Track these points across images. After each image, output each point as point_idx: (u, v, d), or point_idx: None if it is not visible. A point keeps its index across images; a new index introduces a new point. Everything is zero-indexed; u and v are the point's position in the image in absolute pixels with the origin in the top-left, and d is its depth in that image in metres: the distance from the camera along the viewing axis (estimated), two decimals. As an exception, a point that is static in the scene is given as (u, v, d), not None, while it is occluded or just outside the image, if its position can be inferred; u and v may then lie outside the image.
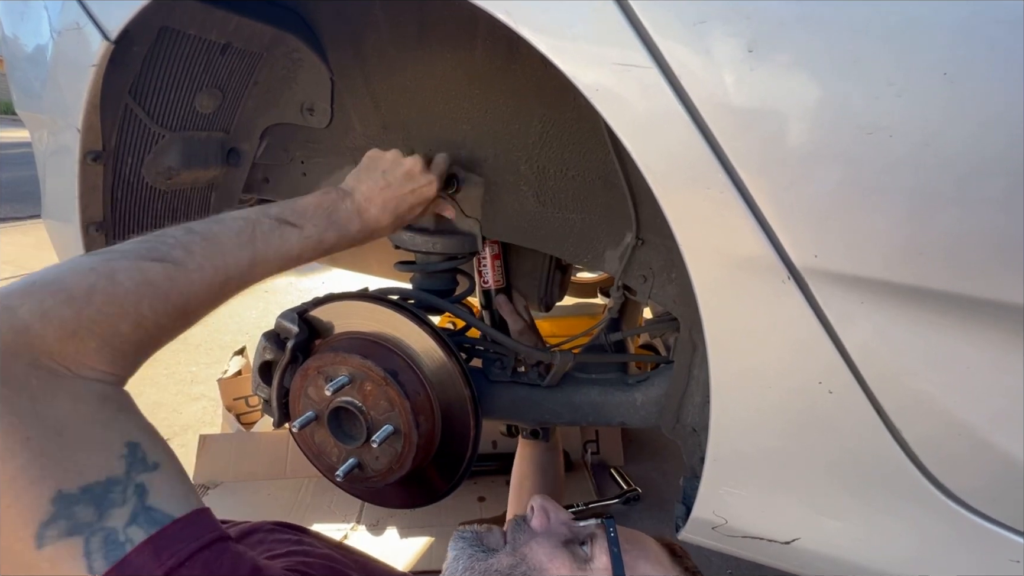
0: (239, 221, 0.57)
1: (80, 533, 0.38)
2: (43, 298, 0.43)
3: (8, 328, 0.41)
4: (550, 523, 0.63)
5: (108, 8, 0.59)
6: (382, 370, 0.69)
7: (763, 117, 0.40)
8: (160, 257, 0.49)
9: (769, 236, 0.43)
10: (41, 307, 0.42)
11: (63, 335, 0.43)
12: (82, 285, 0.45)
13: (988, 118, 0.36)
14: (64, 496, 0.39)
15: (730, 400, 0.51)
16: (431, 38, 0.82)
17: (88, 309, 0.44)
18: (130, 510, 0.40)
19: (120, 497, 0.40)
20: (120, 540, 0.39)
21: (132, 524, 0.40)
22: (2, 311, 0.41)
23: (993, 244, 0.39)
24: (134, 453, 0.42)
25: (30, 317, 0.42)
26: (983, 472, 0.46)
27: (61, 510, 0.38)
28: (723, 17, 0.39)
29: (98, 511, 0.39)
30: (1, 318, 0.41)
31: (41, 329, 0.42)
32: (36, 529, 0.37)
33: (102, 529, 0.39)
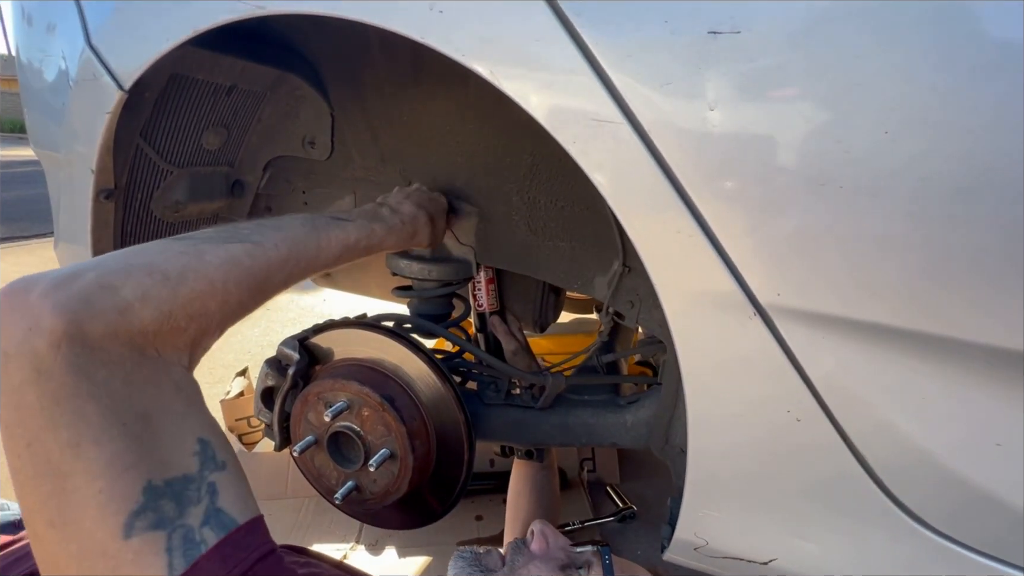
0: (299, 216, 0.60)
1: (164, 528, 0.38)
2: (142, 279, 0.43)
3: (111, 308, 0.40)
4: (549, 548, 0.65)
5: (123, 60, 0.63)
6: (379, 396, 0.71)
7: (726, 168, 0.44)
8: (241, 239, 0.51)
9: (735, 275, 0.46)
10: (141, 287, 0.42)
11: (160, 316, 0.43)
12: (176, 265, 0.45)
13: (927, 173, 0.40)
14: (153, 488, 0.38)
15: (706, 426, 0.54)
16: (426, 77, 0.86)
17: (183, 288, 0.44)
18: (203, 510, 0.40)
19: (196, 495, 0.40)
20: (196, 540, 0.39)
21: (205, 525, 0.40)
22: (106, 290, 0.41)
23: (938, 285, 0.42)
24: (205, 450, 0.42)
25: (132, 297, 0.42)
26: (943, 495, 0.49)
27: (150, 501, 0.38)
28: (687, 80, 0.43)
29: (179, 507, 0.39)
30: (105, 297, 0.41)
31: (140, 310, 0.42)
32: (126, 518, 0.37)
33: (182, 526, 0.39)
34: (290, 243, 0.55)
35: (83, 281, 0.41)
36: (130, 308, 0.41)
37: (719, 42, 0.41)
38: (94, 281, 0.41)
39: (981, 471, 0.47)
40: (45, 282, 0.40)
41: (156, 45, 0.60)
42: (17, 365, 0.37)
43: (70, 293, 0.40)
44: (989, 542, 0.49)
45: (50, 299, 0.39)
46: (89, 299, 0.40)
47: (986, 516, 0.48)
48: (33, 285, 0.40)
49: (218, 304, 0.47)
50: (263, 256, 0.52)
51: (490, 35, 0.47)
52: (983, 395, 0.45)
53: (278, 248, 0.54)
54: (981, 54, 0.37)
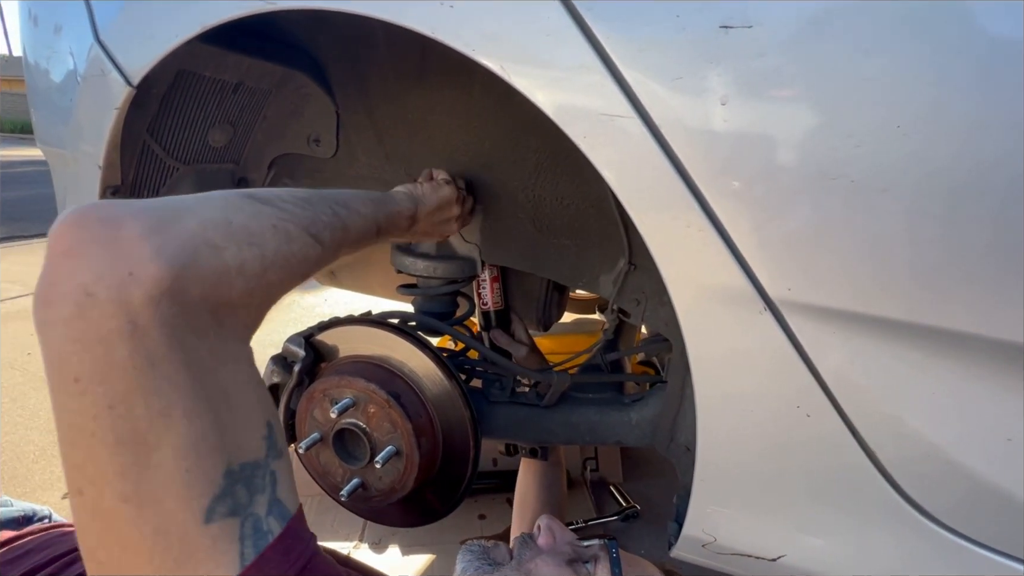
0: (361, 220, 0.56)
1: (238, 515, 0.36)
2: (242, 246, 0.39)
3: (212, 271, 0.36)
4: (556, 542, 0.65)
5: (131, 56, 0.64)
6: (385, 393, 0.71)
7: (736, 163, 0.44)
8: (316, 234, 0.47)
9: (745, 270, 0.46)
10: (241, 256, 0.38)
11: (246, 291, 0.39)
12: (272, 245, 0.41)
13: (937, 168, 0.40)
14: (231, 472, 0.36)
15: (715, 422, 0.54)
16: (432, 75, 0.86)
17: (271, 273, 0.41)
18: (267, 498, 0.38)
19: (262, 482, 0.38)
20: (264, 529, 0.37)
21: (270, 514, 0.38)
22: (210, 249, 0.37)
23: (948, 279, 0.42)
24: (271, 436, 0.40)
25: (232, 264, 0.38)
26: (953, 491, 0.49)
27: (229, 487, 0.36)
28: (698, 74, 0.43)
29: (249, 494, 0.37)
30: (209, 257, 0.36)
31: (234, 280, 0.38)
32: (208, 502, 0.35)
33: (252, 514, 0.37)
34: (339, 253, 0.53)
35: (187, 231, 0.36)
36: (227, 275, 0.37)
37: (730, 36, 0.41)
38: (199, 234, 0.36)
39: (991, 466, 0.47)
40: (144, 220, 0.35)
41: (165, 41, 0.60)
42: (108, 312, 0.32)
43: (176, 243, 0.35)
44: (999, 538, 0.49)
45: (152, 244, 0.34)
46: (195, 255, 0.35)
47: (996, 512, 0.48)
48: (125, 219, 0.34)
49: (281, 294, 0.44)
50: (322, 262, 0.49)
51: (501, 30, 0.47)
52: (994, 390, 0.45)
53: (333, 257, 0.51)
54: (993, 48, 0.37)
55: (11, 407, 2.19)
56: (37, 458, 1.90)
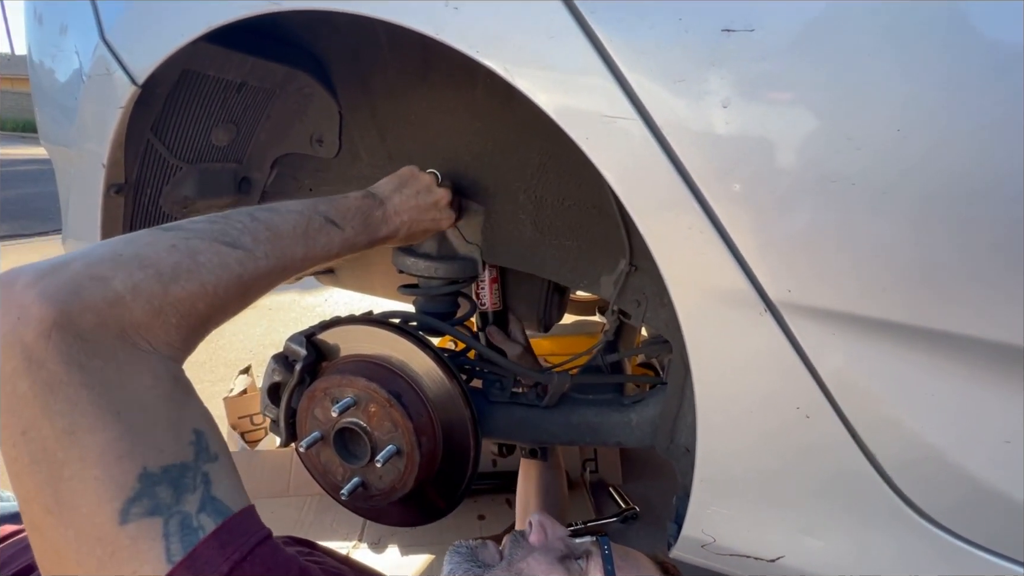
0: (294, 215, 0.59)
1: (160, 514, 0.38)
2: (133, 271, 0.43)
3: (101, 299, 0.40)
4: (547, 538, 0.65)
5: (137, 55, 0.64)
6: (386, 392, 0.72)
7: (738, 165, 0.44)
8: (232, 242, 0.50)
9: (747, 272, 0.47)
10: (132, 280, 0.42)
11: (150, 310, 0.43)
12: (168, 262, 0.45)
13: (938, 171, 0.40)
14: (148, 474, 0.39)
15: (715, 423, 0.54)
16: (435, 75, 0.87)
17: (174, 286, 0.44)
18: (199, 497, 0.40)
19: (191, 483, 0.41)
20: (194, 526, 0.39)
21: (202, 512, 0.40)
22: (95, 281, 0.41)
23: (947, 282, 0.42)
24: (200, 441, 0.43)
25: (123, 289, 0.41)
26: (952, 493, 0.49)
27: (145, 488, 0.38)
28: (700, 77, 0.43)
29: (175, 494, 0.39)
30: (94, 288, 0.40)
31: (132, 302, 0.42)
32: (121, 504, 0.37)
33: (179, 512, 0.39)
34: (278, 254, 0.55)
35: (70, 271, 0.41)
36: (121, 300, 0.41)
37: (732, 40, 0.41)
38: (83, 271, 0.41)
39: (989, 468, 0.47)
40: (31, 272, 0.40)
41: (170, 41, 0.61)
42: (8, 355, 0.37)
43: (58, 282, 0.39)
44: (998, 540, 0.49)
45: (36, 288, 0.39)
46: (78, 289, 0.40)
47: (994, 514, 0.48)
48: (19, 275, 0.40)
49: (206, 306, 0.47)
50: (252, 265, 0.52)
51: (504, 32, 0.47)
52: (992, 392, 0.45)
53: (268, 258, 0.53)
54: (992, 52, 0.38)
55: (11, 405, 2.18)
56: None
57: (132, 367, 0.41)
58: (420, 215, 0.77)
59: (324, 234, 0.62)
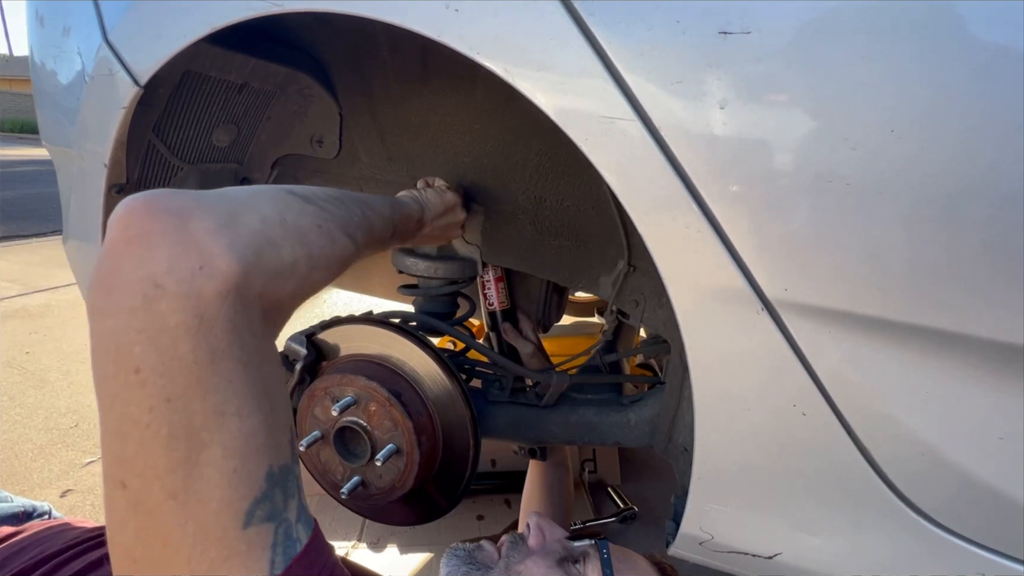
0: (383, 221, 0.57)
1: (274, 520, 0.35)
2: (296, 245, 0.39)
3: (272, 269, 0.36)
4: (546, 541, 0.66)
5: (139, 56, 0.64)
6: (386, 391, 0.72)
7: (735, 165, 0.45)
8: (351, 235, 0.47)
9: (743, 271, 0.47)
10: (294, 255, 0.38)
11: (293, 291, 0.39)
12: (316, 245, 0.42)
13: (932, 171, 0.41)
14: (271, 474, 0.35)
15: (713, 421, 0.55)
16: (434, 77, 0.87)
17: (315, 273, 0.41)
18: (296, 503, 0.37)
19: (293, 486, 0.37)
20: (294, 537, 0.36)
21: (299, 521, 0.37)
22: (272, 247, 0.36)
23: (942, 280, 0.43)
24: (292, 440, 0.39)
25: (288, 261, 0.38)
26: (946, 489, 0.50)
27: (269, 489, 0.35)
28: (698, 79, 0.44)
29: (284, 498, 0.36)
30: (271, 255, 0.36)
31: (288, 279, 0.38)
32: (249, 505, 0.34)
33: (286, 520, 0.36)
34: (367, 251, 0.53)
35: (249, 226, 0.36)
36: (282, 274, 0.37)
37: (729, 42, 0.42)
38: (261, 231, 0.36)
39: (984, 465, 0.48)
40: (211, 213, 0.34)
41: (173, 42, 0.61)
42: (177, 305, 0.32)
43: (243, 239, 0.35)
44: (992, 536, 0.50)
45: (223, 238, 0.34)
46: (260, 252, 0.35)
47: (989, 510, 0.49)
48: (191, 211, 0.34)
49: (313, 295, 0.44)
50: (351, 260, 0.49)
51: (505, 34, 0.48)
52: (987, 389, 0.46)
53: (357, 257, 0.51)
54: (985, 53, 0.38)
55: (9, 405, 2.19)
56: (35, 456, 1.90)
57: (266, 348, 0.37)
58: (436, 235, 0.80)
59: (382, 244, 0.61)
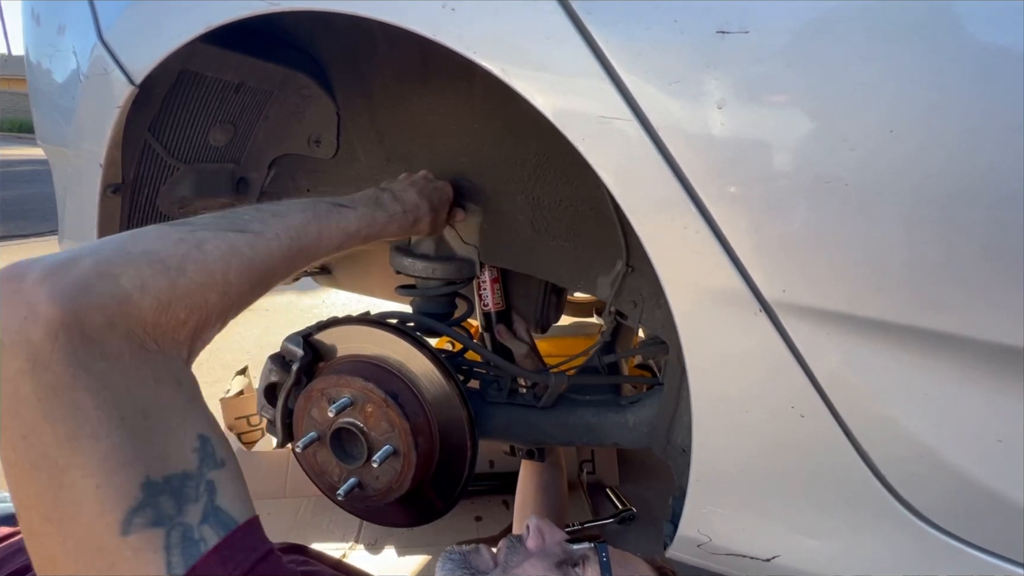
0: (299, 202, 0.59)
1: (162, 525, 0.37)
2: (141, 268, 0.41)
3: (110, 298, 0.39)
4: (545, 543, 0.65)
5: (134, 55, 0.64)
6: (383, 392, 0.72)
7: (732, 165, 0.45)
8: (240, 228, 0.49)
9: (741, 272, 0.47)
10: (140, 277, 0.41)
11: (158, 307, 0.41)
12: (175, 255, 0.43)
13: (931, 171, 0.40)
14: (151, 484, 0.37)
15: (711, 423, 0.55)
16: (432, 77, 0.87)
17: (182, 279, 0.43)
18: (202, 508, 0.39)
19: (194, 492, 0.39)
20: (195, 538, 0.38)
21: (204, 523, 0.39)
22: (104, 279, 0.39)
23: (941, 282, 0.43)
24: (205, 447, 0.41)
25: (131, 287, 0.40)
26: (945, 492, 0.49)
27: (148, 498, 0.37)
28: (695, 78, 0.44)
29: (177, 504, 0.38)
30: (103, 286, 0.39)
31: (139, 300, 0.40)
32: (124, 515, 0.36)
33: (181, 524, 0.38)
34: (291, 233, 0.54)
35: (80, 268, 0.39)
36: (129, 298, 0.40)
37: (727, 42, 0.42)
38: (92, 268, 0.39)
39: (982, 467, 0.48)
40: (40, 268, 0.38)
41: (169, 41, 0.61)
42: (12, 355, 0.36)
43: (67, 280, 0.38)
44: (991, 539, 0.50)
45: (46, 286, 0.37)
46: (87, 287, 0.38)
47: (988, 513, 0.49)
48: (27, 271, 0.38)
49: (218, 296, 0.46)
50: (264, 247, 0.50)
51: (501, 33, 0.48)
52: (985, 391, 0.45)
53: (279, 238, 0.52)
54: (985, 53, 0.38)
55: (6, 406, 2.17)
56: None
57: (137, 369, 0.40)
58: (424, 186, 0.79)
59: (335, 214, 0.61)
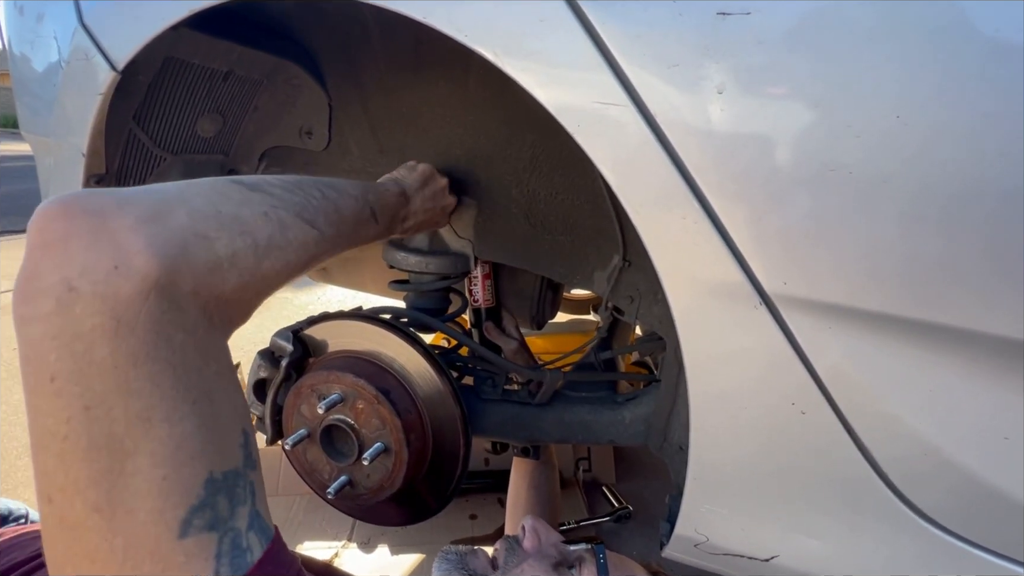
0: (352, 201, 0.55)
1: (217, 529, 0.34)
2: (234, 237, 0.38)
3: (203, 263, 0.35)
4: (541, 544, 0.64)
5: (116, 40, 0.62)
6: (374, 388, 0.70)
7: (733, 153, 0.43)
8: (311, 221, 0.46)
9: (741, 264, 0.46)
10: (232, 247, 0.37)
11: (240, 284, 0.38)
12: (263, 233, 0.40)
13: (939, 158, 0.39)
14: (212, 481, 0.34)
15: (709, 420, 0.53)
16: (426, 67, 0.85)
17: (266, 262, 0.40)
18: (248, 511, 0.36)
19: (243, 493, 0.36)
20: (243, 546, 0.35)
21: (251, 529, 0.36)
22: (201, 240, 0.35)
23: (947, 274, 0.41)
24: (247, 444, 0.38)
25: (224, 255, 0.36)
26: (948, 490, 0.48)
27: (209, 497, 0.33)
28: (695, 62, 0.42)
29: (231, 506, 0.35)
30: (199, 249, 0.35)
31: (227, 272, 0.37)
32: (184, 514, 0.32)
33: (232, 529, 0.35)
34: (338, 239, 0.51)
35: (176, 221, 0.35)
36: (219, 268, 0.36)
37: (728, 23, 0.40)
38: (189, 225, 0.35)
39: (987, 465, 0.46)
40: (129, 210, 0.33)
41: (151, 25, 0.59)
42: (92, 308, 0.31)
43: (166, 234, 0.33)
44: (995, 539, 0.49)
45: (143, 235, 0.32)
46: (185, 246, 0.34)
47: (992, 512, 0.48)
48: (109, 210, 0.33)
49: (280, 285, 0.43)
50: (321, 249, 0.47)
51: (494, 15, 0.46)
52: (991, 387, 0.44)
53: (330, 243, 0.49)
54: (995, 37, 0.37)
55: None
56: (20, 454, 1.87)
57: (206, 348, 0.36)
58: (429, 217, 0.77)
59: (365, 227, 0.59)
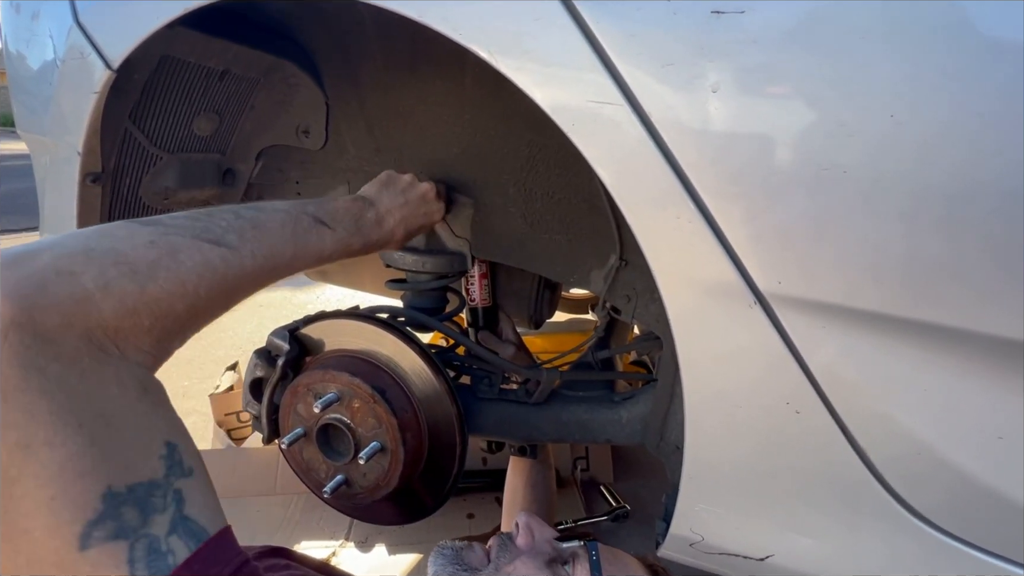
0: (281, 214, 0.57)
1: (126, 537, 0.35)
2: (105, 267, 0.39)
3: (68, 296, 0.37)
4: (535, 541, 0.64)
5: (111, 39, 0.62)
6: (370, 387, 0.70)
7: (727, 152, 0.43)
8: (216, 240, 0.47)
9: (735, 263, 0.45)
10: (104, 277, 0.39)
11: (122, 311, 0.39)
12: (145, 259, 0.42)
13: (932, 157, 0.39)
14: (113, 494, 0.35)
15: (704, 419, 0.53)
16: (423, 66, 0.85)
17: (151, 285, 0.41)
18: (170, 518, 0.37)
19: (161, 502, 0.37)
20: (162, 550, 0.36)
21: (172, 534, 0.37)
22: (63, 276, 0.37)
23: (942, 274, 0.41)
24: (172, 455, 0.39)
25: (93, 286, 0.38)
26: (943, 490, 0.48)
27: (109, 509, 0.35)
28: (689, 60, 0.42)
29: (142, 515, 0.36)
30: (61, 284, 0.37)
31: (101, 301, 0.38)
32: (82, 528, 0.34)
33: (146, 535, 0.36)
34: (265, 252, 0.52)
35: (36, 264, 0.37)
36: (90, 298, 0.38)
37: (722, 22, 0.40)
38: (50, 264, 0.38)
39: (982, 465, 0.46)
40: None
41: (146, 23, 0.59)
42: None
43: (20, 276, 0.36)
44: (990, 539, 0.49)
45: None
46: (43, 284, 0.36)
47: (987, 512, 0.48)
48: None
49: (186, 308, 0.44)
50: (237, 264, 0.48)
51: (488, 14, 0.46)
52: (987, 387, 0.44)
53: (254, 257, 0.50)
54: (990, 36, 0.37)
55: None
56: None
57: (97, 373, 0.38)
58: (412, 211, 0.76)
59: (314, 234, 0.59)
